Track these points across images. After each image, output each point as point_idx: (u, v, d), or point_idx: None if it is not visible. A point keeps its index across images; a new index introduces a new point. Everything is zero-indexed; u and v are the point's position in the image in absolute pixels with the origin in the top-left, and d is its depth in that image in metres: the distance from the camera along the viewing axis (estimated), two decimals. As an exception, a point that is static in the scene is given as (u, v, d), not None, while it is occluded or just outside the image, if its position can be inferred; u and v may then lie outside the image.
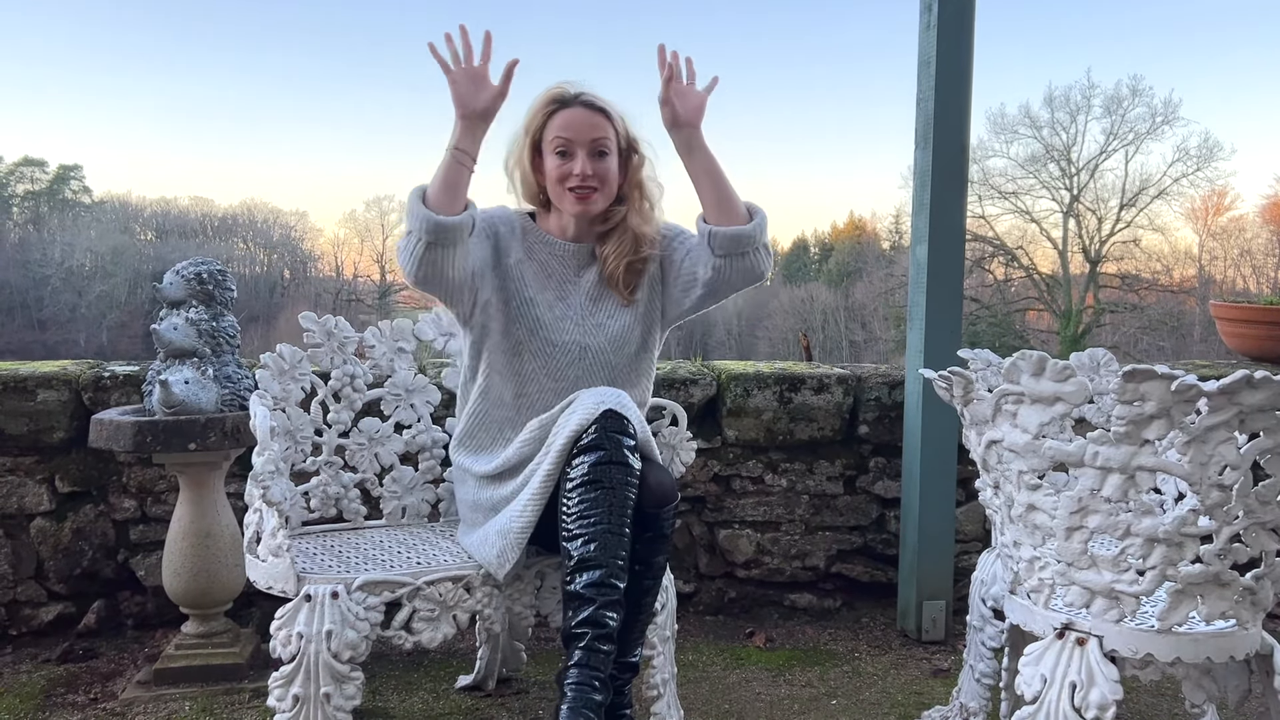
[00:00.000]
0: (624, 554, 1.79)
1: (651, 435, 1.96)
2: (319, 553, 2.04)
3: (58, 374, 2.85)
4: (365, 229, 52.00)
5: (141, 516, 2.90)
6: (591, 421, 1.81)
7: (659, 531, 1.89)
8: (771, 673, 2.67)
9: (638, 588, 1.87)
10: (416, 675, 2.61)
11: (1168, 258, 33.73)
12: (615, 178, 2.07)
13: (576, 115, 2.03)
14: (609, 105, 2.06)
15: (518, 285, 2.06)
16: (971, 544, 3.15)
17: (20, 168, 45.80)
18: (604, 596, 1.75)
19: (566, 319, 2.06)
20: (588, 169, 2.01)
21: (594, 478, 1.78)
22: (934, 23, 2.82)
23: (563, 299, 2.08)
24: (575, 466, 1.81)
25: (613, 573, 1.76)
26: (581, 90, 2.07)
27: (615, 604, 1.76)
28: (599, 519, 1.77)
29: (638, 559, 1.86)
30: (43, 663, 2.68)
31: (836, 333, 38.74)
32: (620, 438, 1.82)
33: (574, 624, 1.75)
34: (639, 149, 2.11)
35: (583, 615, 1.75)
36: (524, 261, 2.08)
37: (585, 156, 2.01)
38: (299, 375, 2.21)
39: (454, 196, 1.91)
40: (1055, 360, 1.57)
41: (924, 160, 2.88)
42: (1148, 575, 1.57)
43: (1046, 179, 32.93)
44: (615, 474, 1.79)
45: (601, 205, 2.06)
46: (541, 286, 2.08)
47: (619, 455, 1.80)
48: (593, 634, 1.74)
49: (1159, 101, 31.82)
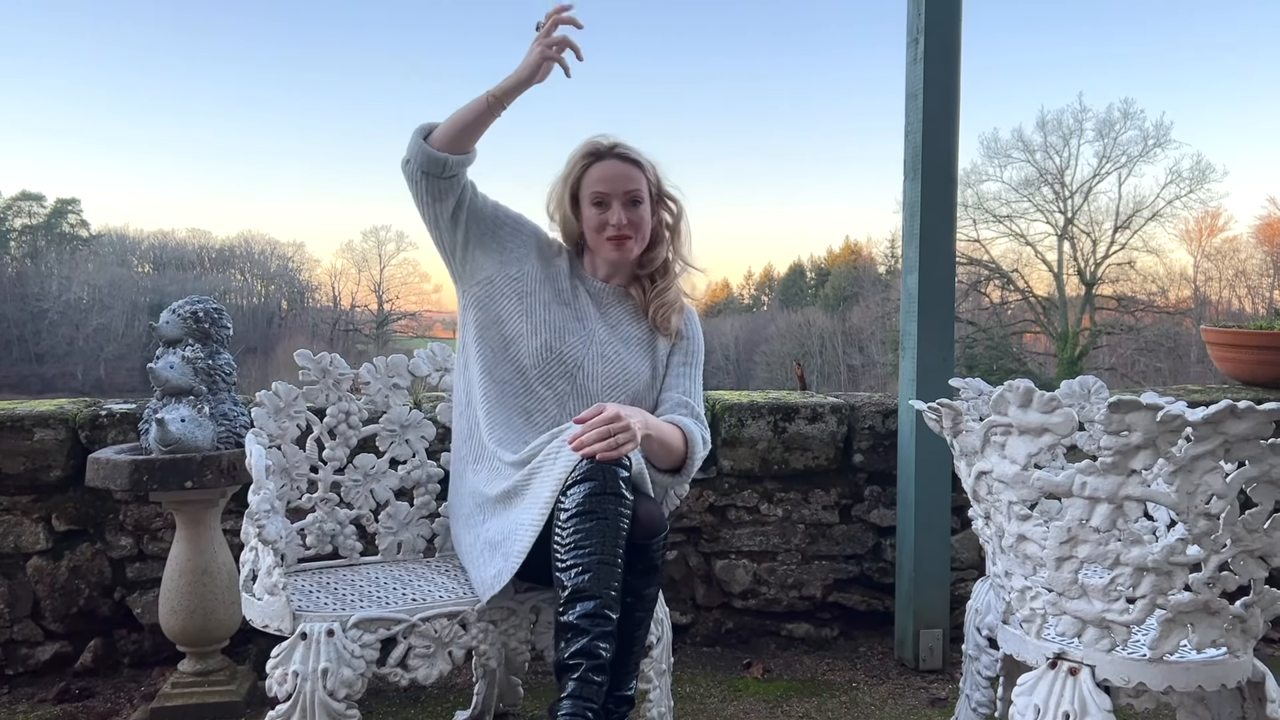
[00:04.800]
0: (618, 585, 1.79)
1: (645, 467, 1.98)
2: (315, 590, 2.04)
3: (55, 413, 2.86)
4: (363, 259, 52.16)
5: (138, 554, 2.90)
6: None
7: (650, 563, 1.90)
8: (769, 704, 2.67)
9: (629, 620, 1.88)
10: (413, 712, 2.60)
11: (1163, 279, 33.89)
12: (649, 224, 2.18)
13: (611, 168, 2.14)
14: (640, 156, 2.18)
15: (536, 286, 2.15)
16: (968, 572, 3.16)
17: (17, 202, 46.00)
18: (598, 627, 1.75)
19: (574, 334, 2.15)
20: (623, 218, 2.12)
21: (588, 508, 1.79)
22: (920, 56, 2.86)
23: (579, 319, 2.17)
24: (569, 496, 1.82)
25: (606, 603, 1.77)
26: (616, 142, 2.18)
27: (609, 635, 1.77)
28: (593, 549, 1.78)
29: (629, 591, 1.86)
30: (39, 702, 2.68)
31: (834, 357, 38.81)
32: (614, 469, 1.83)
33: (567, 655, 1.76)
34: (672, 200, 2.23)
35: (576, 646, 1.75)
36: (550, 279, 2.18)
37: (620, 206, 2.13)
38: (294, 412, 2.22)
39: (466, 136, 2.04)
40: (1042, 392, 1.59)
41: (913, 191, 2.91)
42: (1138, 604, 1.58)
43: (1040, 202, 33.16)
44: (609, 505, 1.80)
45: (636, 251, 2.18)
46: (563, 304, 2.17)
47: (613, 486, 1.82)
48: (587, 665, 1.74)
49: (1151, 124, 32.16)
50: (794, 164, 76.20)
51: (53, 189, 69.75)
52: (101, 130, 72.90)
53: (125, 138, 72.79)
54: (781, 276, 54.42)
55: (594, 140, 2.19)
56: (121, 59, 68.74)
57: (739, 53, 73.13)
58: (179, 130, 74.30)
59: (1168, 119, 38.45)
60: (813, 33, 70.00)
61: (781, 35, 71.11)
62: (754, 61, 72.38)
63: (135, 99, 71.34)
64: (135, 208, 76.76)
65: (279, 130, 75.96)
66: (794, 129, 75.11)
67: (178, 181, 74.82)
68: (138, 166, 74.82)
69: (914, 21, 2.90)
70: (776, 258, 73.57)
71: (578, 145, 2.20)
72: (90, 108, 71.56)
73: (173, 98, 72.67)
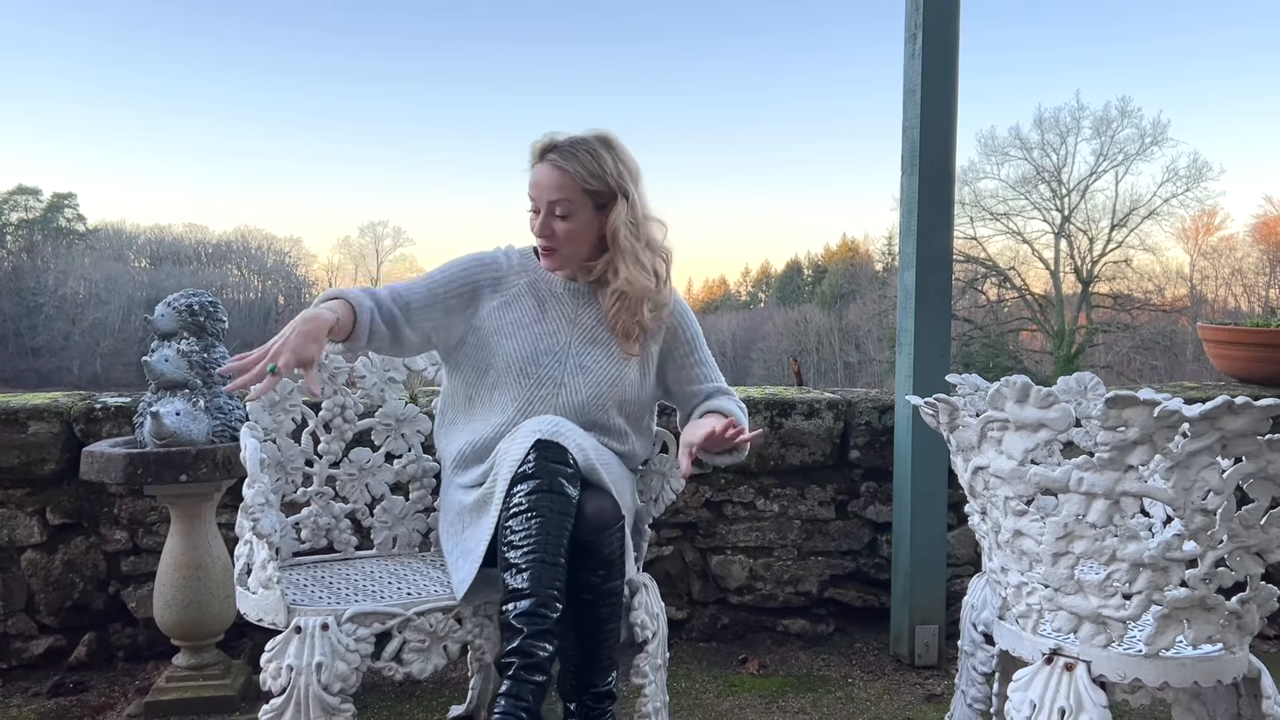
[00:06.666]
0: (559, 584, 1.78)
1: (606, 462, 1.94)
2: (309, 584, 2.04)
3: (49, 406, 2.86)
4: (359, 254, 52.22)
5: (133, 548, 2.89)
6: (528, 450, 1.83)
7: (602, 558, 1.87)
8: (765, 700, 2.66)
9: (593, 616, 1.87)
10: (408, 706, 2.60)
11: (1159, 277, 33.95)
12: (579, 235, 2.04)
13: (541, 174, 2.04)
14: (572, 163, 2.02)
15: (497, 325, 2.07)
16: (964, 568, 3.16)
17: (14, 196, 45.93)
18: (533, 626, 1.74)
19: (551, 354, 2.07)
20: (546, 229, 2.04)
21: (527, 506, 1.79)
22: (918, 51, 2.86)
23: (552, 334, 2.09)
24: (512, 495, 1.82)
25: (543, 602, 1.75)
26: (550, 145, 2.05)
27: (545, 633, 1.75)
28: (532, 548, 1.77)
29: (585, 588, 1.85)
30: (33, 696, 2.67)
31: (831, 354, 38.83)
32: (556, 466, 1.82)
33: (504, 654, 1.76)
34: (613, 202, 2.04)
35: (511, 645, 1.75)
36: (517, 299, 2.10)
37: (545, 216, 2.04)
38: (289, 406, 2.22)
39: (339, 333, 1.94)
40: (1039, 387, 1.59)
41: (910, 187, 2.91)
42: (1134, 600, 1.57)
43: (1038, 200, 33.18)
44: (548, 502, 1.79)
45: (562, 264, 2.08)
46: (533, 320, 2.09)
47: (555, 484, 1.81)
48: (519, 664, 1.73)
49: (1148, 123, 32.18)
50: (792, 161, 76.28)
51: (49, 183, 69.74)
52: (98, 124, 72.80)
53: (122, 132, 72.68)
54: (779, 273, 54.51)
55: (540, 140, 2.08)
56: (118, 54, 68.61)
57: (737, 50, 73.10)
58: (175, 125, 74.22)
59: (1165, 117, 38.54)
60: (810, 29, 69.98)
61: (778, 31, 71.10)
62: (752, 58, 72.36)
63: (132, 93, 71.22)
64: (132, 202, 76.75)
65: (276, 125, 75.88)
66: (792, 125, 75.12)
67: (174, 176, 74.78)
68: (134, 161, 74.76)
69: (912, 17, 2.89)
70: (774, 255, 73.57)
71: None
72: (87, 102, 71.45)
73: (169, 93, 72.56)
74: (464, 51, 73.27)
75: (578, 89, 69.41)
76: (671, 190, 68.63)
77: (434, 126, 77.69)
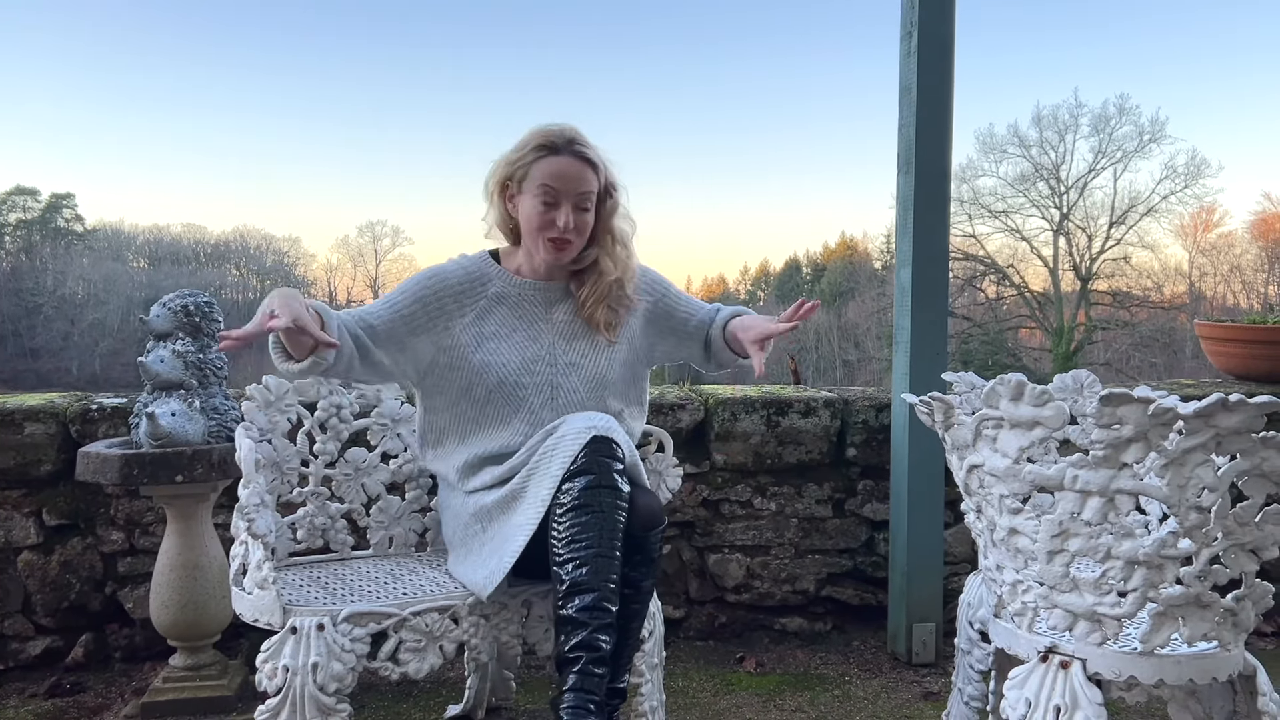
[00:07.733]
0: (616, 577, 1.79)
1: (640, 460, 1.97)
2: (305, 584, 2.03)
3: (45, 407, 2.85)
4: (358, 254, 52.18)
5: (129, 549, 2.89)
6: (581, 447, 1.83)
7: (647, 555, 1.90)
8: (762, 698, 2.66)
9: (625, 612, 1.87)
10: (405, 706, 2.60)
11: (1158, 274, 33.93)
12: (588, 228, 2.06)
13: (566, 166, 2.01)
14: (596, 156, 2.05)
15: (475, 342, 2.05)
16: (961, 565, 3.16)
17: (12, 196, 45.89)
18: (597, 620, 1.75)
19: (539, 360, 2.06)
20: (571, 222, 2.00)
21: (584, 502, 1.79)
22: (914, 50, 2.85)
23: (534, 339, 2.07)
24: (565, 492, 1.81)
25: (605, 596, 1.77)
26: (573, 137, 2.03)
27: (608, 627, 1.77)
28: (590, 543, 1.77)
29: (627, 583, 1.86)
30: (30, 697, 2.67)
31: (830, 353, 38.82)
32: (609, 461, 1.83)
33: (568, 648, 1.75)
34: (614, 193, 2.10)
35: (576, 639, 1.75)
36: (488, 312, 2.07)
37: (569, 209, 2.00)
38: (285, 406, 2.21)
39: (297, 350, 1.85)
40: (1033, 385, 1.59)
41: (906, 185, 2.91)
42: (1129, 598, 1.57)
43: (1036, 197, 33.16)
44: (605, 498, 1.80)
45: (574, 255, 2.07)
46: (511, 329, 2.07)
47: (609, 479, 1.81)
48: (587, 657, 1.74)
49: (1146, 120, 32.15)
50: (790, 159, 76.28)
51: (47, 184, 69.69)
52: (96, 125, 72.76)
53: (120, 132, 72.66)
54: (777, 272, 54.48)
55: (548, 130, 2.03)
56: (117, 54, 68.57)
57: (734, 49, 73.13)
58: (174, 125, 74.17)
59: (1163, 114, 38.47)
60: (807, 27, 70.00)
61: (775, 30, 71.10)
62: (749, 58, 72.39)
63: (130, 94, 71.19)
64: (130, 203, 76.73)
65: (274, 124, 75.85)
66: (790, 124, 75.13)
67: (173, 176, 74.73)
68: (132, 161, 74.69)
69: (907, 15, 2.89)
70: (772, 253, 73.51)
71: (530, 131, 2.05)
72: (85, 103, 71.40)
73: (168, 93, 72.52)
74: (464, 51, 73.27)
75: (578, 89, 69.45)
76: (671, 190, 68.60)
77: (433, 126, 77.69)
